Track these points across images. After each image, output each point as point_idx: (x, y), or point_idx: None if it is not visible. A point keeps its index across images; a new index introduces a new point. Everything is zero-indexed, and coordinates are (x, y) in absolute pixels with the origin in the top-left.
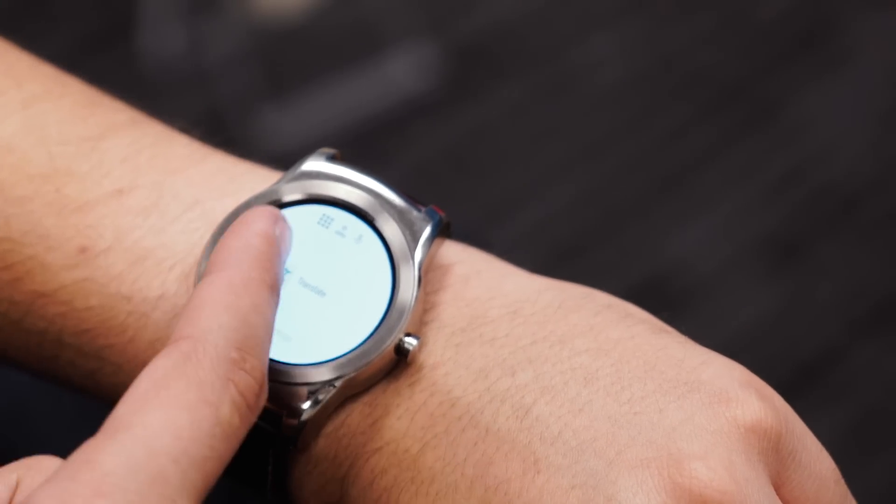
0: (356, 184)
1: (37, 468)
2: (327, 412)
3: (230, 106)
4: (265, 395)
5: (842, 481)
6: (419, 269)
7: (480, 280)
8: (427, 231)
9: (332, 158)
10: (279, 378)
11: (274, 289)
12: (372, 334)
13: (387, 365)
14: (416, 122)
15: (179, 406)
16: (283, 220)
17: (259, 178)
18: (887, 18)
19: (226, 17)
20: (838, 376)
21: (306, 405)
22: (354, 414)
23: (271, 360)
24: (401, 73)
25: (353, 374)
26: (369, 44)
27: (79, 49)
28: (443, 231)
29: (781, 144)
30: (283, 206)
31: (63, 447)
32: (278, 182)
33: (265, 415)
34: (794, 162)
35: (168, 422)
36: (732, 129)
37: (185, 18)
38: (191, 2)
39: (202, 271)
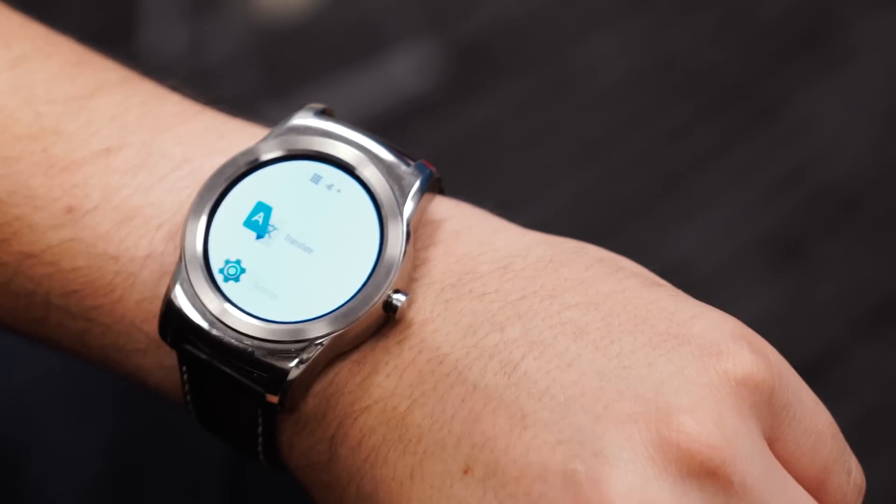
0: (344, 138)
1: None
2: (315, 371)
3: (231, 106)
4: None
5: (839, 435)
6: (408, 225)
7: (471, 235)
8: (416, 186)
9: (321, 113)
10: (265, 336)
11: None
12: (359, 291)
13: (375, 322)
14: (418, 121)
15: None
16: None
17: (249, 135)
18: (889, 18)
19: (227, 16)
20: (839, 376)
21: (292, 364)
22: (343, 372)
23: (257, 318)
24: (402, 72)
25: (340, 332)
26: (370, 43)
27: None
28: (432, 186)
29: (783, 144)
30: (269, 162)
31: (63, 447)
32: (265, 138)
33: (252, 375)
34: (795, 161)
35: None
36: (734, 129)
37: (187, 18)
38: (192, 1)
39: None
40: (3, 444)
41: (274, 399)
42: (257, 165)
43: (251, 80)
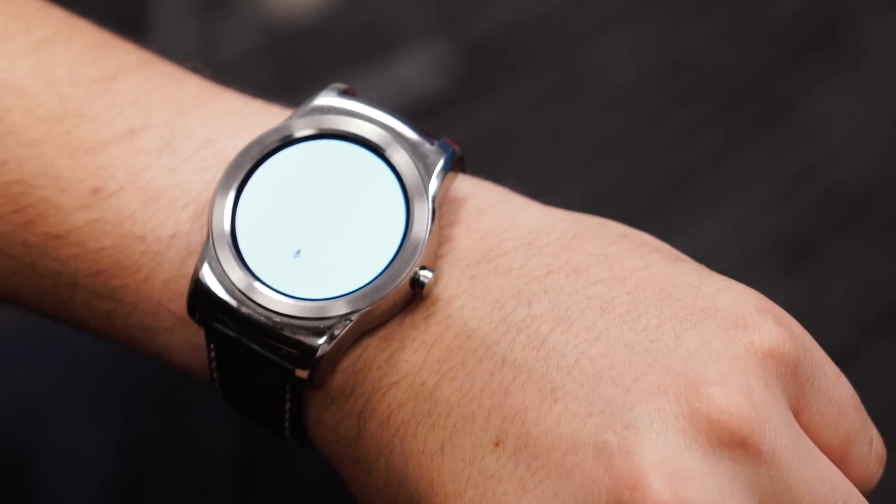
0: (368, 118)
1: None
2: (343, 347)
3: None
4: None
5: (861, 407)
6: (433, 202)
7: (494, 212)
8: (440, 164)
9: (344, 93)
10: (294, 313)
11: None
12: (386, 268)
13: (402, 299)
14: (428, 121)
15: None
16: None
17: (271, 115)
18: None
19: (238, 16)
20: (849, 377)
21: (321, 340)
22: (370, 348)
23: (285, 295)
24: (413, 72)
25: (368, 308)
26: (381, 43)
27: None
28: (456, 164)
29: (793, 145)
30: (295, 141)
31: (75, 448)
32: (290, 118)
33: (281, 352)
34: (805, 162)
35: None
36: (744, 130)
37: (198, 18)
38: (203, 1)
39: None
40: (12, 444)
41: (303, 374)
42: (282, 145)
43: (262, 79)
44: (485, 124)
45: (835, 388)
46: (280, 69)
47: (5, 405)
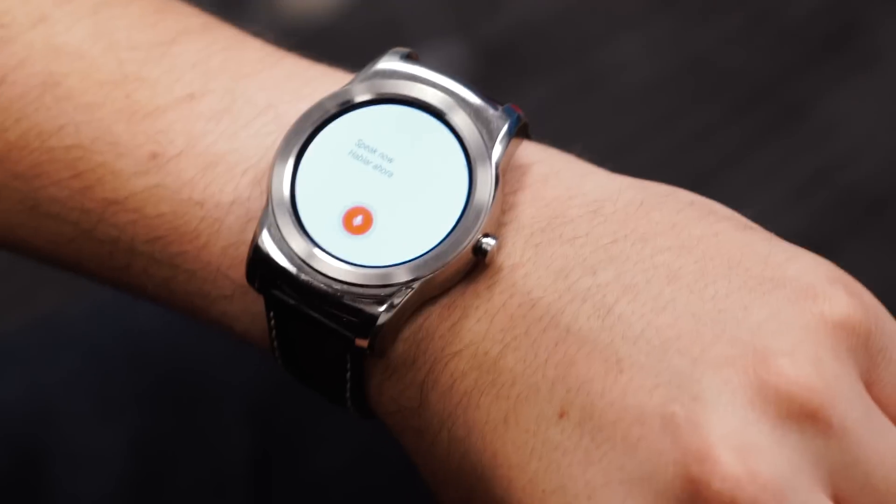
0: (431, 82)
1: None
2: (404, 316)
3: None
4: None
5: None
6: (496, 168)
7: (560, 179)
8: (504, 129)
9: (407, 57)
10: (355, 280)
11: None
12: (449, 235)
13: (464, 266)
14: None
15: None
16: None
17: (333, 80)
18: None
19: (253, 15)
20: None
21: (382, 308)
22: (432, 317)
23: (345, 262)
24: None
25: (430, 276)
26: (396, 43)
27: None
28: (521, 130)
29: (808, 146)
30: (356, 106)
31: (90, 447)
32: (351, 82)
33: (341, 320)
34: (821, 163)
35: None
36: (759, 130)
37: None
38: (218, 1)
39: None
40: (27, 443)
41: (363, 343)
42: (344, 110)
43: None
44: None
45: None
46: None
47: (20, 404)
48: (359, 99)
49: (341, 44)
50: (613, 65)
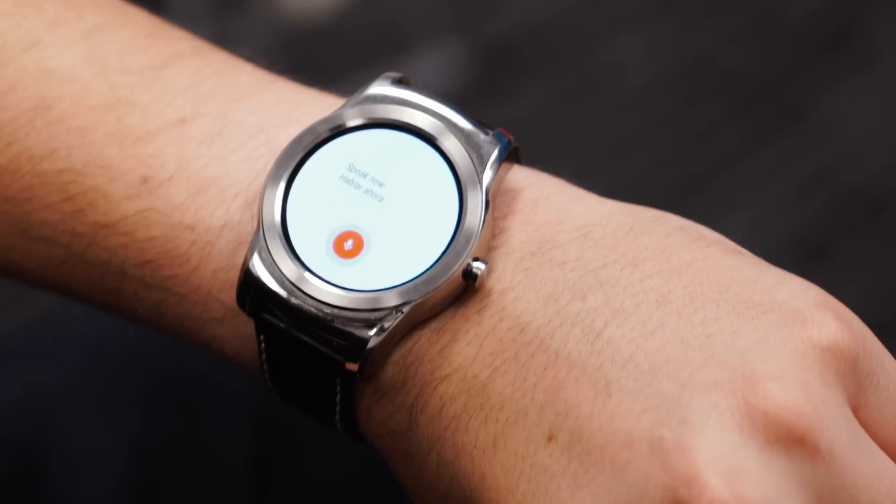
0: (422, 107)
1: None
2: (394, 339)
3: None
4: None
5: None
6: (487, 193)
7: (550, 204)
8: (494, 154)
9: (398, 82)
10: (345, 304)
11: None
12: (439, 259)
13: (454, 290)
14: None
15: None
16: None
17: (324, 105)
18: None
19: (253, 16)
20: None
21: (372, 332)
22: (422, 341)
23: (336, 286)
24: (428, 73)
25: (420, 300)
26: (396, 43)
27: None
28: (511, 155)
29: (808, 146)
30: (347, 130)
31: (90, 447)
32: (342, 107)
33: (331, 344)
34: (821, 163)
35: None
36: (759, 130)
37: (212, 18)
38: (218, 1)
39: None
40: (27, 443)
41: (353, 367)
42: (334, 135)
43: None
44: (499, 124)
45: (895, 385)
46: (294, 69)
47: (21, 404)
48: (350, 123)
49: (341, 44)
50: (613, 65)
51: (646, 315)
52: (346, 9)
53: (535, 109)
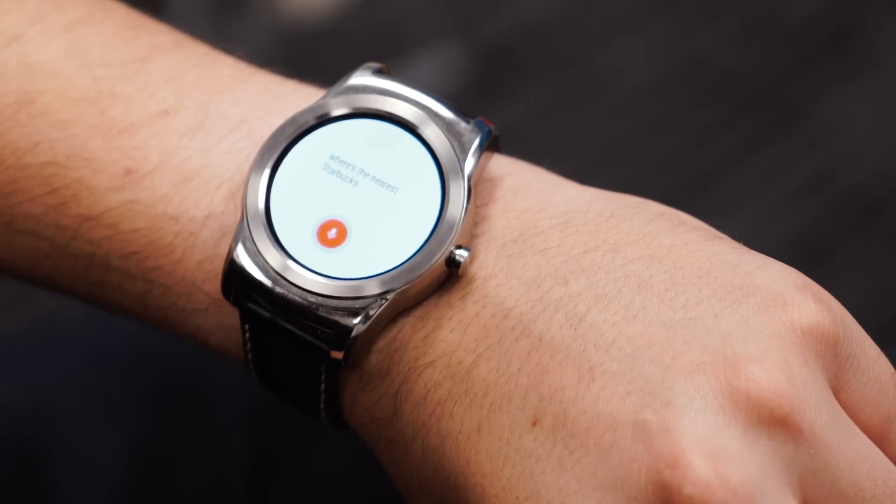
0: (403, 96)
1: None
2: (378, 327)
3: None
4: None
5: None
6: (468, 181)
7: (531, 192)
8: (476, 143)
9: (379, 72)
10: (329, 293)
11: None
12: (422, 247)
13: (438, 278)
14: None
15: None
16: None
17: (305, 96)
18: None
19: (252, 18)
20: None
21: (356, 320)
22: (406, 328)
23: (320, 275)
24: (427, 75)
25: (403, 288)
26: (395, 45)
27: None
28: (492, 143)
29: (807, 148)
30: (329, 120)
31: (89, 449)
32: (324, 97)
33: (316, 332)
34: (820, 165)
35: None
36: (758, 133)
37: (212, 19)
38: (217, 2)
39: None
40: (26, 446)
41: (338, 355)
42: (317, 124)
43: None
44: (498, 126)
45: (875, 367)
46: (293, 71)
47: (19, 407)
48: (332, 113)
49: (339, 46)
50: (612, 67)
51: (628, 299)
52: (345, 11)
53: (534, 112)
